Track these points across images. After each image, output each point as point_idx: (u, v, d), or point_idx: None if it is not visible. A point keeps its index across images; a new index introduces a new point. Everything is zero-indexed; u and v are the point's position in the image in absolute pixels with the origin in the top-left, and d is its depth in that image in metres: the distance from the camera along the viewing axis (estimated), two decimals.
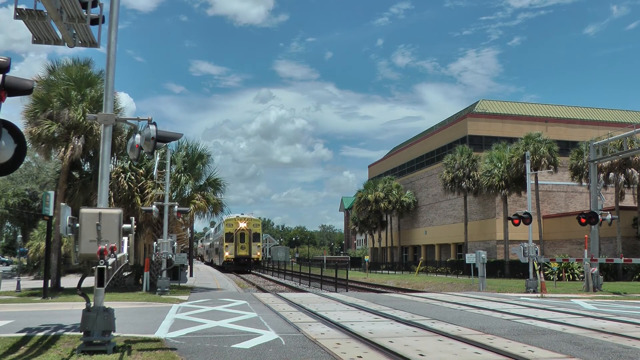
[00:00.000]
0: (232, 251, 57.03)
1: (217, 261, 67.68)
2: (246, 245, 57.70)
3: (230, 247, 57.27)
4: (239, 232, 57.50)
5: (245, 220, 58.41)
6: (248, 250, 58.02)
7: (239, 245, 57.31)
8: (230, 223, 57.57)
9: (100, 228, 8.65)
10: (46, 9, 8.31)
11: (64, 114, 22.17)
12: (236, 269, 56.69)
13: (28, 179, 50.12)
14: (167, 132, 11.84)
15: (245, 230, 58.03)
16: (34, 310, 15.91)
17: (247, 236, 58.04)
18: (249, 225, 58.38)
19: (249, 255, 58.25)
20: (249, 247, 57.99)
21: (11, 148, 7.51)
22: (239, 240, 57.45)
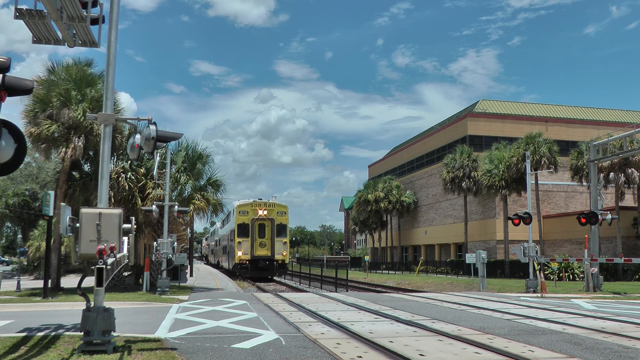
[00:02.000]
0: (248, 250, 39.20)
1: (225, 263, 49.89)
2: (267, 241, 39.61)
3: (244, 244, 39.46)
4: (257, 223, 39.46)
5: (266, 206, 40.57)
6: (270, 249, 39.34)
7: (256, 242, 39.31)
8: (245, 210, 39.93)
9: (100, 228, 8.65)
10: (46, 8, 8.31)
11: (64, 114, 22.17)
12: (253, 275, 39.25)
13: (28, 179, 50.12)
14: (167, 132, 11.86)
15: (266, 221, 39.73)
16: (34, 310, 15.91)
17: (269, 228, 39.74)
18: (272, 212, 40.13)
19: (272, 255, 39.33)
20: (272, 245, 39.53)
21: (11, 148, 7.51)
22: (256, 234, 39.40)
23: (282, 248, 39.54)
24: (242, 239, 39.08)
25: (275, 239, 39.22)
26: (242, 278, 39.81)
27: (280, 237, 39.63)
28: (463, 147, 51.34)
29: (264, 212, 39.33)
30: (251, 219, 39.07)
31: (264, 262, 38.82)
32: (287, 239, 40.15)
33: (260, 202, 40.66)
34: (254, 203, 40.29)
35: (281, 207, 40.57)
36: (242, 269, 39.30)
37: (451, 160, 50.53)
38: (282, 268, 40.05)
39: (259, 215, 39.20)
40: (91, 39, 9.45)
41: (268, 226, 39.39)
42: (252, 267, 38.79)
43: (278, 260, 39.25)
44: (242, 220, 39.30)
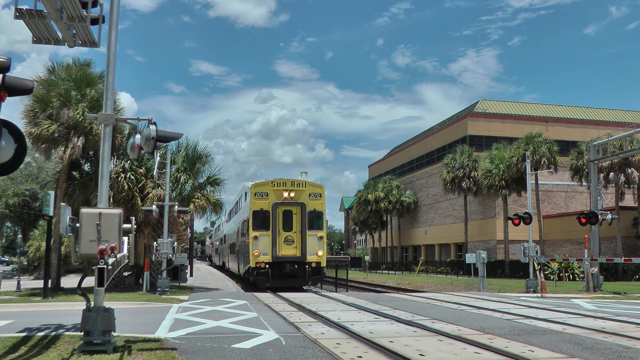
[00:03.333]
0: (268, 248, 27.27)
1: (234, 265, 37.95)
2: (296, 235, 27.44)
3: (263, 241, 27.36)
4: (282, 210, 27.50)
5: (294, 186, 27.95)
6: (300, 247, 27.44)
7: (280, 237, 27.38)
8: (264, 191, 27.64)
9: (100, 228, 8.65)
10: (46, 8, 8.31)
11: (64, 114, 22.17)
12: (276, 284, 26.84)
13: (28, 178, 50.13)
14: (167, 132, 11.85)
15: (294, 206, 27.59)
16: (34, 310, 15.90)
17: (298, 217, 27.60)
18: (301, 195, 27.72)
19: (302, 256, 27.36)
20: (302, 241, 27.32)
21: (11, 148, 7.51)
22: (280, 225, 27.39)
23: (317, 246, 26.44)
24: (260, 232, 26.39)
25: (307, 233, 26.47)
26: (258, 287, 26.71)
27: (313, 229, 26.73)
28: (463, 147, 51.34)
29: (291, 194, 26.81)
30: (273, 204, 26.63)
31: (292, 266, 26.23)
32: (324, 233, 27.30)
33: (286, 180, 27.48)
34: (276, 182, 27.31)
35: (315, 188, 27.72)
36: (259, 275, 26.29)
37: (451, 160, 50.53)
38: (316, 274, 26.85)
39: (284, 199, 26.62)
40: (91, 39, 9.45)
41: (297, 214, 26.85)
42: (275, 272, 26.23)
43: (311, 263, 26.31)
44: (259, 206, 26.68)
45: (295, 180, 28.17)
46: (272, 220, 26.86)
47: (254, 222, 27.02)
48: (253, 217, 27.04)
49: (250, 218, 27.11)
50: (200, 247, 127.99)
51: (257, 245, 26.69)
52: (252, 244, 26.70)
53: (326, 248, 27.99)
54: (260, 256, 26.60)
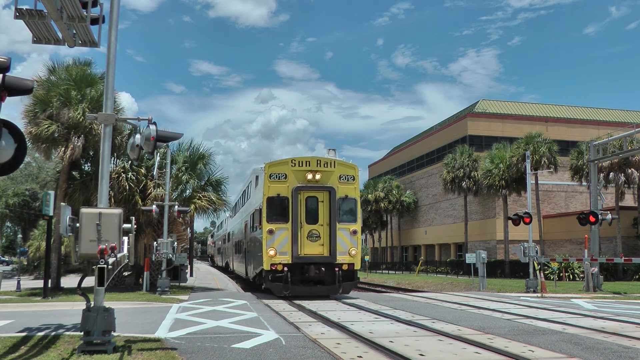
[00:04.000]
0: (286, 246, 20.45)
1: (241, 267, 31.12)
2: (323, 229, 20.82)
3: (280, 237, 20.58)
4: (305, 196, 20.96)
5: (320, 165, 21.18)
6: (328, 244, 20.68)
7: (303, 231, 20.60)
8: (281, 173, 21.02)
9: (100, 228, 8.65)
10: (46, 8, 8.31)
11: (64, 114, 22.17)
12: (298, 291, 20.26)
13: (28, 178, 50.16)
14: (167, 132, 11.87)
15: (320, 191, 21.03)
16: (34, 310, 15.91)
17: (326, 206, 20.96)
18: (330, 177, 21.14)
19: (331, 255, 20.51)
20: (331, 236, 20.64)
21: (11, 148, 7.52)
22: (302, 216, 20.77)
23: (350, 243, 20.46)
24: (276, 225, 20.28)
25: (338, 227, 20.36)
26: (275, 294, 20.53)
27: (345, 221, 20.65)
28: (463, 147, 51.34)
29: (317, 175, 20.56)
30: (293, 189, 20.35)
31: (317, 269, 20.17)
32: (359, 226, 20.92)
33: (310, 158, 21.09)
34: (297, 161, 20.88)
35: (346, 168, 21.29)
36: (275, 279, 20.05)
37: (451, 160, 50.53)
38: (349, 279, 20.57)
39: (308, 182, 20.51)
40: (91, 39, 9.45)
41: (324, 202, 20.69)
42: (295, 277, 20.11)
43: (342, 264, 20.26)
44: (275, 191, 20.50)
45: (322, 159, 20.94)
46: (292, 210, 19.95)
47: (269, 212, 20.17)
48: (268, 206, 20.19)
49: (264, 207, 20.18)
50: (200, 247, 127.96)
51: (272, 242, 19.92)
52: (266, 241, 19.93)
53: (360, 246, 20.95)
54: (276, 256, 19.83)
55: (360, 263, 20.82)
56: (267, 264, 19.88)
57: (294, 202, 20.09)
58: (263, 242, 20.04)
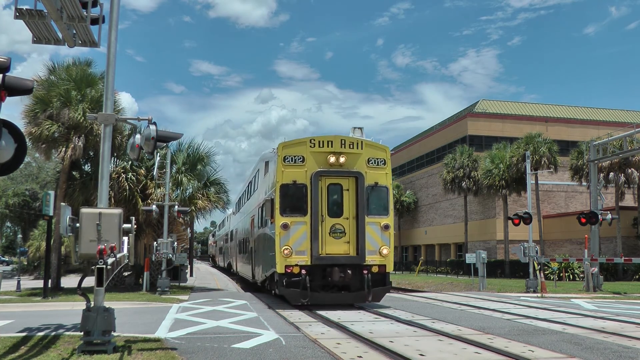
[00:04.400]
0: (304, 244, 16.45)
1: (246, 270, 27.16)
2: (349, 224, 16.82)
3: (296, 233, 16.58)
4: (326, 183, 17.00)
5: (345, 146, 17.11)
6: (355, 241, 16.66)
7: (325, 226, 16.66)
8: (298, 155, 16.96)
9: (100, 228, 8.65)
10: (46, 8, 8.32)
11: (64, 114, 22.18)
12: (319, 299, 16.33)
13: (28, 178, 50.17)
14: (167, 132, 11.87)
15: (345, 178, 17.07)
16: (34, 310, 15.91)
17: (352, 195, 16.98)
18: (356, 160, 17.16)
19: (359, 255, 16.48)
20: (358, 232, 16.64)
21: (11, 148, 7.52)
22: (324, 207, 16.79)
23: (380, 240, 16.94)
24: (292, 218, 16.72)
25: (366, 220, 16.81)
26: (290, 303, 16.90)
27: (375, 214, 17.06)
28: (463, 147, 51.33)
29: (341, 158, 16.95)
30: (313, 175, 16.84)
31: (343, 272, 16.58)
32: (391, 220, 17.29)
33: (332, 137, 17.37)
34: (317, 141, 17.22)
35: (376, 150, 17.73)
36: (290, 284, 16.46)
37: (451, 160, 50.52)
38: (379, 284, 16.89)
39: (331, 166, 17.00)
40: (91, 39, 9.45)
41: (350, 190, 17.13)
42: (316, 282, 16.55)
43: (372, 266, 16.70)
44: (291, 177, 16.95)
45: (347, 138, 17.29)
46: (311, 200, 16.42)
47: (283, 203, 16.59)
48: (281, 195, 16.61)
49: (277, 196, 16.60)
50: (200, 247, 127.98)
51: (287, 239, 16.33)
52: (279, 238, 16.35)
53: (393, 244, 17.26)
54: (292, 256, 16.21)
55: (392, 264, 17.07)
56: (280, 265, 16.13)
57: (313, 190, 16.46)
58: (276, 239, 16.35)
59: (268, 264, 18.38)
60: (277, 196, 16.59)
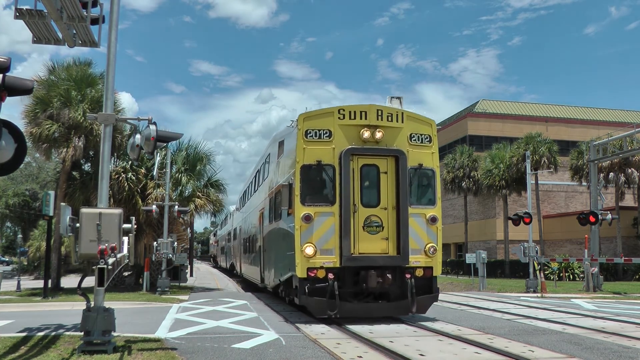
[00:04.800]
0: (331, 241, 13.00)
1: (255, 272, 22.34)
2: (387, 215, 13.37)
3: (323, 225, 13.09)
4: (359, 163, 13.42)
5: (381, 118, 13.56)
6: (395, 237, 13.30)
7: (357, 218, 13.19)
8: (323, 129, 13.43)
9: (100, 228, 8.66)
10: (46, 8, 8.32)
11: (64, 114, 22.19)
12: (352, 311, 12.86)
13: (28, 178, 50.17)
14: (167, 132, 11.86)
15: (383, 157, 13.54)
16: (34, 310, 15.92)
17: (391, 178, 13.49)
18: (396, 135, 13.71)
19: (402, 254, 13.13)
20: (400, 225, 13.27)
21: (11, 148, 7.52)
22: (356, 194, 13.27)
23: (426, 235, 14.13)
24: (316, 208, 13.29)
25: (410, 210, 13.63)
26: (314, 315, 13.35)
27: (419, 204, 14.12)
28: (463, 147, 51.34)
29: (377, 133, 13.59)
30: (342, 154, 13.39)
31: (380, 275, 13.08)
32: (438, 211, 14.66)
33: (367, 107, 13.79)
34: (348, 111, 13.71)
35: (419, 124, 14.32)
36: (314, 292, 12.93)
37: (451, 160, 50.54)
38: (426, 290, 13.78)
39: (364, 142, 13.61)
40: (91, 39, 9.46)
41: (388, 173, 13.72)
42: (346, 287, 13.12)
43: (415, 268, 13.57)
44: (314, 157, 13.45)
45: (385, 109, 13.80)
46: (340, 185, 13.16)
47: (305, 189, 13.30)
48: (303, 179, 13.31)
49: (297, 180, 13.28)
50: (200, 247, 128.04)
51: (310, 235, 13.02)
52: (300, 232, 13.03)
53: (441, 241, 14.56)
54: (316, 256, 12.91)
55: (440, 267, 14.33)
56: (301, 268, 12.83)
57: (343, 173, 13.05)
58: (295, 234, 12.96)
59: (283, 266, 14.76)
60: (297, 180, 13.21)
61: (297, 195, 13.17)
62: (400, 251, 13.14)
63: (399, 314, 13.51)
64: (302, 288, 12.94)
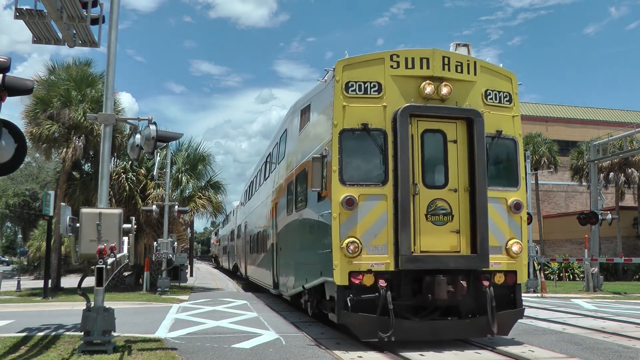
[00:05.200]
0: (384, 234, 9.39)
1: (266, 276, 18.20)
2: (456, 198, 9.79)
3: (370, 212, 9.45)
4: (419, 128, 9.81)
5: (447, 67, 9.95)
6: (468, 231, 9.67)
7: (418, 200, 9.57)
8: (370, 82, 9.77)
9: (100, 228, 8.66)
10: (46, 8, 8.33)
11: (64, 114, 22.18)
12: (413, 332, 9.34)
13: (28, 178, 50.15)
14: (167, 132, 11.87)
15: (451, 123, 9.94)
16: (34, 310, 15.91)
17: (463, 150, 9.89)
18: (469, 92, 10.08)
19: (480, 253, 9.46)
20: (478, 213, 9.56)
21: (11, 148, 7.52)
22: (417, 169, 9.67)
23: (508, 228, 10.03)
24: (360, 189, 9.57)
25: (489, 192, 9.78)
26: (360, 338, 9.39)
27: (497, 185, 10.12)
28: None
29: (443, 88, 9.84)
30: (397, 114, 9.67)
31: (452, 282, 9.33)
32: (522, 195, 10.33)
33: (429, 52, 10.03)
34: (403, 57, 9.94)
35: (497, 78, 10.55)
36: (359, 305, 9.21)
37: None
38: (508, 303, 9.89)
39: (426, 99, 9.90)
40: (91, 39, 9.46)
41: (459, 142, 10.00)
42: (403, 298, 9.53)
43: (495, 273, 9.72)
44: (358, 119, 9.69)
45: (452, 55, 10.47)
46: (395, 157, 9.73)
47: (346, 162, 9.83)
48: (343, 148, 9.82)
49: (335, 150, 9.79)
50: (200, 247, 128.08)
51: (352, 225, 9.59)
52: (339, 222, 9.58)
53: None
54: (362, 255, 9.47)
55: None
56: (341, 272, 9.31)
57: (400, 141, 9.59)
58: (333, 226, 9.50)
59: (310, 269, 11.20)
60: (334, 150, 9.60)
61: (334, 171, 9.56)
62: (477, 249, 9.52)
63: (474, 335, 9.85)
64: (342, 300, 9.26)
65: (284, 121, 16.04)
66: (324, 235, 10.04)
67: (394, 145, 9.60)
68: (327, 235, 9.67)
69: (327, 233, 9.68)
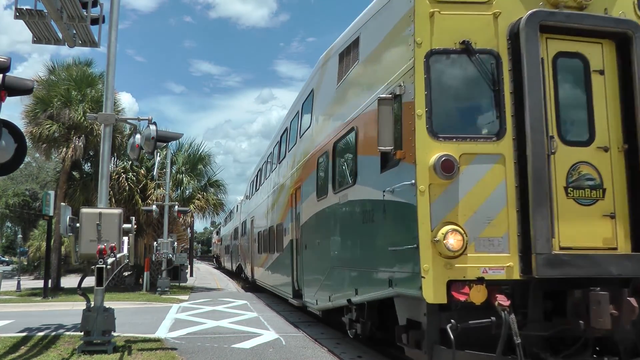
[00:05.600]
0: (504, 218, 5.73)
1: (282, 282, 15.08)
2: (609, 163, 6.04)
3: (480, 182, 5.75)
4: (552, 50, 6.05)
5: None
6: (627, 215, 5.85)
7: (555, 165, 5.87)
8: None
9: (100, 228, 8.66)
10: (46, 8, 8.34)
11: (64, 114, 22.19)
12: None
13: (28, 178, 50.14)
14: (167, 132, 11.90)
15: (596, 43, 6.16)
16: (34, 310, 15.91)
17: (613, 82, 6.10)
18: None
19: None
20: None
21: (11, 148, 7.53)
22: (551, 115, 5.98)
23: None
24: (462, 145, 5.91)
25: None
26: None
27: None
28: None
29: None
30: (513, 28, 6.03)
31: (615, 299, 5.44)
32: None
33: None
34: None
35: None
36: (466, 337, 5.54)
37: None
38: None
39: (558, 5, 6.11)
40: (91, 39, 9.47)
41: (607, 72, 6.26)
42: (535, 327, 5.78)
43: None
44: (454, 36, 6.01)
45: None
46: (519, 95, 5.95)
47: (438, 104, 6.02)
48: (430, 80, 6.00)
49: (418, 83, 5.98)
50: (200, 247, 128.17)
51: (450, 205, 5.83)
52: (427, 198, 5.80)
53: None
54: (467, 253, 5.72)
55: None
56: (436, 282, 5.73)
57: (527, 69, 5.96)
58: (419, 205, 5.84)
59: (368, 275, 7.68)
60: (417, 84, 6.10)
61: (418, 116, 6.01)
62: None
63: None
64: (435, 328, 5.91)
65: (308, 82, 12.55)
66: (397, 223, 6.53)
67: (515, 76, 6.04)
68: (406, 222, 6.15)
69: (406, 218, 6.14)
